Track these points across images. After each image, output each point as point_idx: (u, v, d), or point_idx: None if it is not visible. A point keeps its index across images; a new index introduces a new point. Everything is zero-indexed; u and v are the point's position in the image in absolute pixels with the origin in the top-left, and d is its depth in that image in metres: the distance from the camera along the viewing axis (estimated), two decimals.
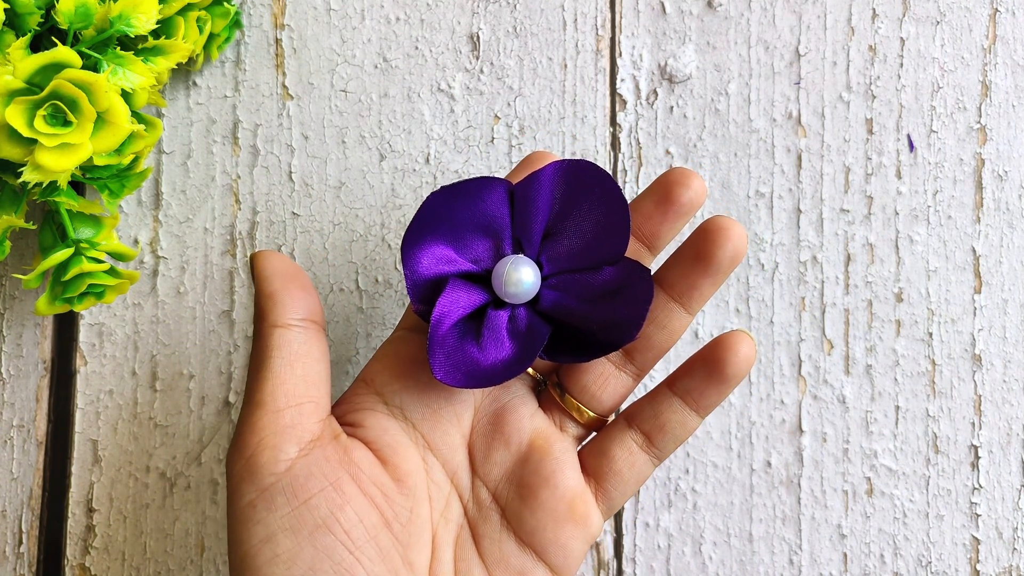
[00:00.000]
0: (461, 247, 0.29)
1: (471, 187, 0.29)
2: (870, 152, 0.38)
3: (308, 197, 0.38)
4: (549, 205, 0.30)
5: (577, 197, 0.29)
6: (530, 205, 0.29)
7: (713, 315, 0.38)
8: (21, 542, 0.37)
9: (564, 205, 0.30)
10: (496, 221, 0.29)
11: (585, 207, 0.29)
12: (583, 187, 0.29)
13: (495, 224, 0.29)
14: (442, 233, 0.29)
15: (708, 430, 0.38)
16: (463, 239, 0.29)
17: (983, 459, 0.38)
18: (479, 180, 0.29)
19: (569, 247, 0.29)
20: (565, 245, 0.30)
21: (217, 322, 0.38)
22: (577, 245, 0.29)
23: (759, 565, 0.37)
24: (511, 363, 0.28)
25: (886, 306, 0.38)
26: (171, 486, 0.37)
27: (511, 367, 0.28)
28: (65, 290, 0.33)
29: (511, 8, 0.39)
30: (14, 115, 0.29)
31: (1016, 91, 0.39)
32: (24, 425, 0.37)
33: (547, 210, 0.29)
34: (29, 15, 0.31)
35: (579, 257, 0.29)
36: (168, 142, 0.38)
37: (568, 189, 0.29)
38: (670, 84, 0.39)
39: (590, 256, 0.29)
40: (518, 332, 0.29)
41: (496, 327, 0.29)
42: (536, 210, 0.29)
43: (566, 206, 0.29)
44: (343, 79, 0.38)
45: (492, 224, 0.29)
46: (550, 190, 0.29)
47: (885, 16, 0.39)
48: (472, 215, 0.29)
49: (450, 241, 0.29)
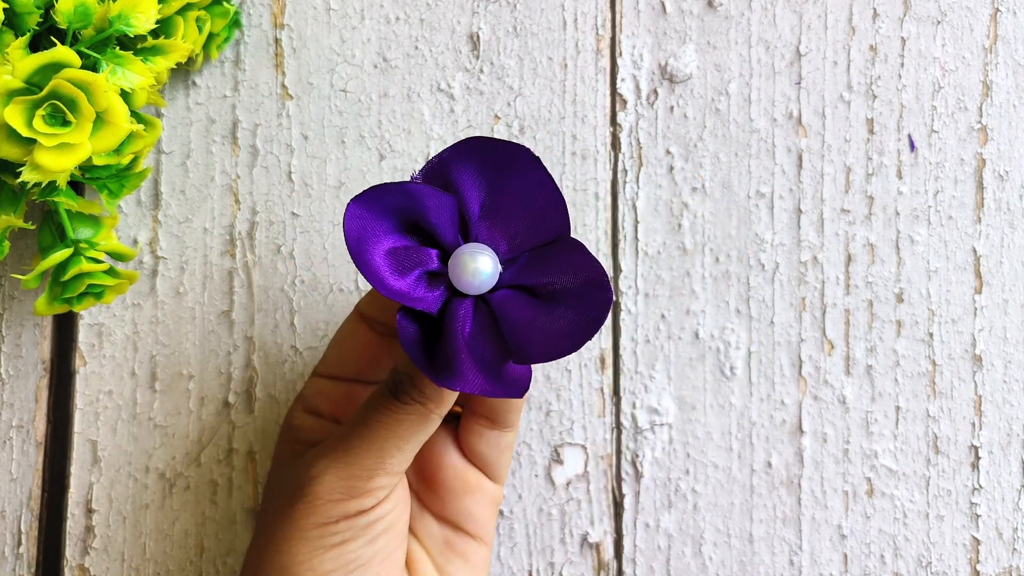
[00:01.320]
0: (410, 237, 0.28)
1: (388, 188, 0.28)
2: (871, 152, 0.38)
3: (308, 197, 0.38)
4: (475, 187, 0.28)
5: (498, 174, 0.28)
6: (457, 189, 0.28)
7: (714, 315, 0.38)
8: (20, 543, 0.37)
9: (490, 185, 0.28)
10: (430, 214, 0.28)
11: (515, 183, 0.28)
12: (501, 165, 0.28)
13: (430, 216, 0.28)
14: (384, 230, 0.28)
15: (708, 431, 0.38)
16: (408, 234, 0.28)
17: (983, 459, 0.38)
18: (387, 185, 0.28)
19: (514, 227, 0.28)
20: (510, 226, 0.28)
21: (216, 322, 0.38)
22: (522, 224, 0.28)
23: (759, 566, 0.37)
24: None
25: (887, 306, 0.38)
26: (170, 487, 0.37)
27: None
28: (64, 290, 0.33)
29: (511, 8, 0.39)
30: (13, 115, 0.29)
31: (1017, 91, 0.39)
32: (23, 425, 0.37)
33: (475, 193, 0.28)
34: (28, 15, 0.31)
35: (528, 236, 0.28)
36: (167, 142, 0.38)
37: (483, 165, 0.28)
38: (670, 84, 0.39)
39: (538, 234, 0.28)
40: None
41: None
42: (464, 192, 0.28)
43: (492, 185, 0.28)
44: (343, 79, 0.38)
45: (426, 217, 0.28)
46: (469, 172, 0.28)
47: (886, 16, 0.39)
48: (403, 211, 0.28)
49: (397, 237, 0.28)
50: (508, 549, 0.37)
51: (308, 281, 0.38)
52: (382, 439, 0.29)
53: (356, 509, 0.29)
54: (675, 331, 0.38)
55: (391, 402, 0.29)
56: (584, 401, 0.38)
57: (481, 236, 0.28)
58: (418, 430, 0.29)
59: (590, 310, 0.27)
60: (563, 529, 0.37)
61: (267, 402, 0.37)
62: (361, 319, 0.33)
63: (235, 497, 0.37)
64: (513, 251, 0.28)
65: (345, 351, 0.33)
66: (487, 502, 0.33)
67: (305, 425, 0.33)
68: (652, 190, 0.38)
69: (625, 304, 0.38)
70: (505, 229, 0.28)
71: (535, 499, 0.37)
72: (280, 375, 0.38)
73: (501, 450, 0.32)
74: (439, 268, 0.28)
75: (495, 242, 0.28)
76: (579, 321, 0.27)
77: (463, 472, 0.32)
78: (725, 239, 0.38)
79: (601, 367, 0.38)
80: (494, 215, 0.28)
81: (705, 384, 0.38)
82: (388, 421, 0.29)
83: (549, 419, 0.38)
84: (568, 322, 0.27)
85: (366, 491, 0.29)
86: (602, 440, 0.38)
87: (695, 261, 0.38)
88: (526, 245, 0.28)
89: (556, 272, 0.28)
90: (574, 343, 0.27)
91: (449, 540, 0.32)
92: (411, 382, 0.29)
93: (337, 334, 0.34)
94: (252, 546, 0.31)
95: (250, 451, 0.37)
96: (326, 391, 0.33)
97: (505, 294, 0.28)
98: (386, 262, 0.28)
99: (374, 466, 0.29)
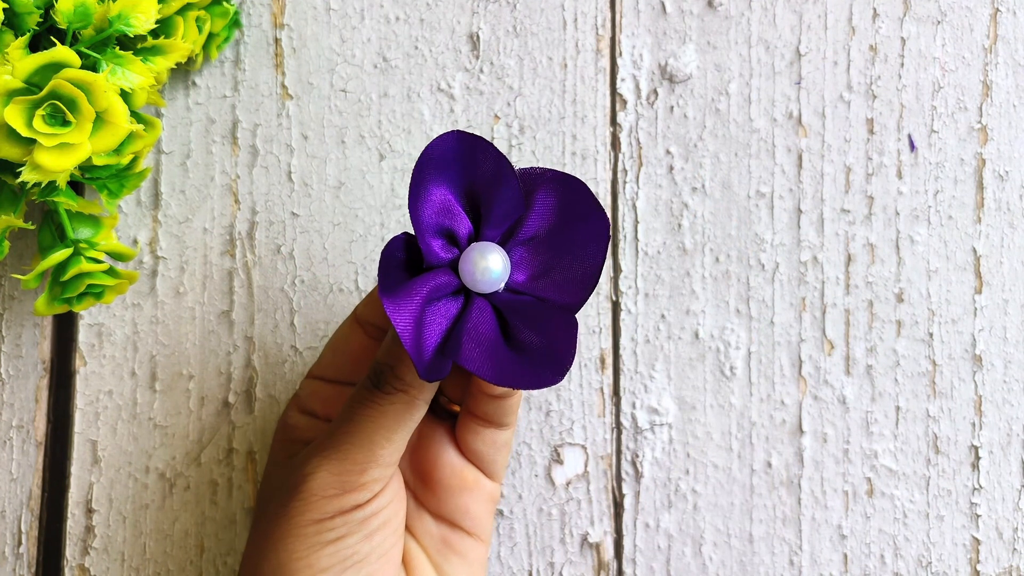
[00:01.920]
0: (459, 202, 0.29)
1: (491, 151, 0.28)
2: (871, 152, 0.38)
3: (308, 197, 0.38)
4: (545, 215, 0.29)
5: (571, 222, 0.29)
6: (531, 205, 0.29)
7: (714, 316, 0.38)
8: (20, 543, 0.37)
9: (558, 224, 0.29)
10: (497, 199, 0.28)
11: (578, 239, 0.29)
12: (579, 216, 0.29)
13: (494, 201, 0.28)
14: (453, 177, 0.28)
15: (708, 431, 0.38)
16: (466, 198, 0.29)
17: (983, 460, 0.38)
18: (497, 151, 0.28)
19: (545, 270, 0.29)
20: (543, 265, 0.29)
21: (216, 322, 0.38)
22: (553, 272, 0.29)
23: (759, 566, 0.37)
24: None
25: (887, 306, 0.38)
26: (171, 487, 0.37)
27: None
28: (64, 290, 0.33)
29: (511, 8, 0.39)
30: (13, 115, 0.29)
31: (1017, 91, 0.39)
32: (23, 426, 0.37)
33: (541, 219, 0.29)
34: (28, 15, 0.31)
35: (550, 286, 0.29)
36: (167, 142, 0.38)
37: (567, 209, 0.29)
38: (670, 84, 0.39)
39: (558, 291, 0.29)
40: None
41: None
42: (534, 213, 0.29)
43: (559, 226, 0.29)
44: (343, 79, 0.38)
45: (492, 199, 0.28)
46: (552, 200, 0.29)
47: (886, 16, 0.39)
48: (481, 178, 0.28)
49: (458, 192, 0.29)
50: (508, 549, 0.37)
51: (308, 281, 0.38)
52: (370, 431, 0.29)
53: (351, 504, 0.29)
54: (675, 331, 0.38)
55: (374, 393, 0.29)
56: (584, 401, 0.38)
57: (515, 255, 0.29)
58: (404, 418, 0.29)
59: (535, 375, 0.27)
60: (563, 529, 0.37)
61: (267, 402, 0.37)
62: (357, 323, 0.33)
63: (235, 497, 0.37)
64: (527, 288, 0.29)
65: (340, 354, 0.33)
66: (484, 500, 0.33)
67: (300, 425, 0.33)
68: (652, 190, 0.38)
69: (625, 304, 0.38)
70: (538, 266, 0.29)
71: (535, 499, 0.37)
72: (280, 375, 0.38)
73: (498, 448, 0.32)
74: (463, 242, 0.29)
75: (519, 268, 0.29)
76: (519, 370, 0.27)
77: (460, 470, 0.32)
78: (725, 239, 0.38)
79: (601, 367, 0.38)
80: (538, 248, 0.29)
81: (705, 384, 0.38)
82: (374, 413, 0.29)
83: (549, 419, 0.38)
84: (512, 363, 0.27)
85: (360, 485, 0.29)
86: (602, 440, 0.38)
87: (695, 261, 0.38)
88: (540, 292, 0.29)
89: (540, 330, 0.28)
90: (499, 377, 0.27)
91: (447, 538, 0.32)
92: (392, 371, 0.29)
93: (333, 337, 0.34)
94: (248, 545, 0.31)
95: (250, 451, 0.37)
96: (320, 392, 0.33)
97: (486, 305, 0.28)
98: (434, 197, 0.28)
99: (365, 459, 0.29)
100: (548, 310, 0.28)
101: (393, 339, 0.30)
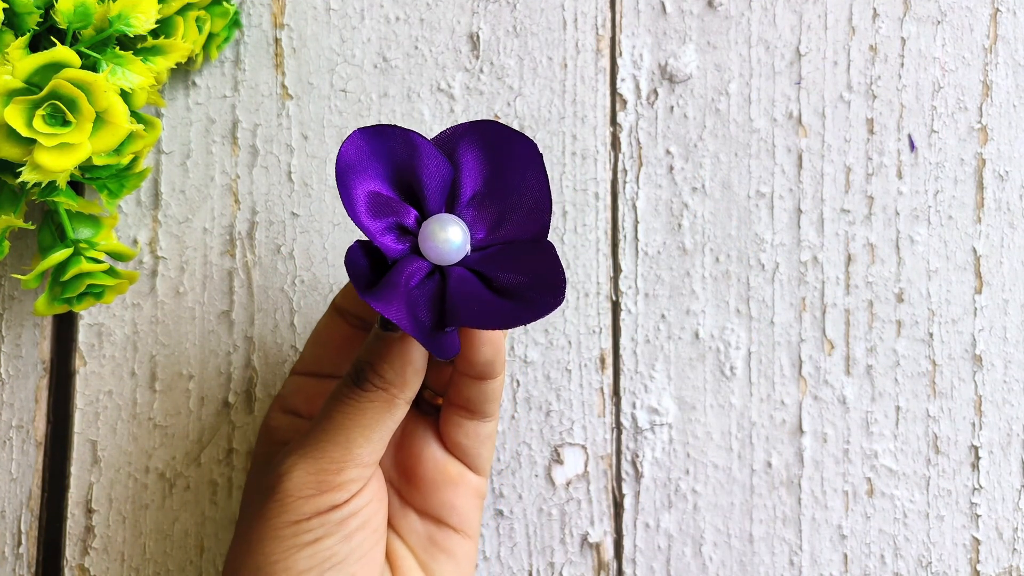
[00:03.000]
0: (396, 191, 0.29)
1: (398, 133, 0.28)
2: (871, 152, 0.38)
3: (308, 197, 0.38)
4: (476, 167, 0.29)
5: (501, 162, 0.29)
6: (459, 165, 0.29)
7: (714, 315, 0.38)
8: (20, 543, 0.37)
9: (490, 169, 0.29)
10: (425, 175, 0.28)
11: (513, 175, 0.28)
12: (506, 153, 0.28)
13: (423, 177, 0.28)
14: (376, 173, 0.28)
15: (708, 431, 0.38)
16: (396, 186, 0.29)
17: (983, 460, 0.38)
18: (397, 128, 0.28)
19: (498, 217, 0.29)
20: (494, 214, 0.29)
21: (216, 322, 0.38)
22: (506, 216, 0.29)
23: (759, 566, 0.37)
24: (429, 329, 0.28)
25: (887, 306, 0.38)
26: (170, 487, 0.37)
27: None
28: (64, 290, 0.33)
29: (511, 8, 0.39)
30: (13, 115, 0.29)
31: (1017, 91, 0.39)
32: (23, 426, 0.37)
33: (474, 173, 0.29)
34: (28, 15, 0.31)
35: (509, 229, 0.29)
36: (167, 142, 0.38)
37: (490, 152, 0.29)
38: (670, 84, 0.39)
39: (519, 230, 0.29)
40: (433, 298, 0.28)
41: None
42: (464, 171, 0.29)
43: (492, 171, 0.29)
44: (343, 79, 0.38)
45: (420, 177, 0.28)
46: (475, 151, 0.29)
47: (886, 16, 0.39)
48: (401, 162, 0.28)
49: (385, 184, 0.28)
50: (508, 549, 0.37)
51: (308, 281, 0.38)
52: (348, 429, 0.28)
53: (328, 504, 0.28)
54: (675, 331, 0.38)
55: (354, 391, 0.29)
56: (584, 401, 0.38)
57: (466, 217, 0.29)
58: (384, 417, 0.29)
59: (535, 303, 0.27)
60: (563, 529, 0.37)
61: (267, 402, 0.37)
62: (336, 313, 0.33)
63: (235, 497, 0.37)
64: (488, 240, 0.29)
65: (321, 347, 0.33)
66: (470, 495, 0.32)
67: (282, 426, 0.33)
68: (652, 190, 0.38)
69: (625, 304, 0.38)
70: (489, 217, 0.29)
71: (535, 499, 0.37)
72: (280, 375, 0.38)
73: (481, 440, 0.32)
74: (412, 227, 0.28)
75: (475, 226, 0.29)
76: (519, 308, 0.27)
77: (444, 464, 0.32)
78: (725, 239, 0.38)
79: (601, 367, 0.38)
80: (483, 201, 0.29)
81: (705, 384, 0.38)
82: (352, 411, 0.29)
83: (549, 419, 0.38)
84: (510, 306, 0.27)
85: (337, 485, 0.28)
86: (602, 440, 0.38)
87: (695, 261, 0.38)
88: (504, 238, 0.29)
89: (518, 271, 0.28)
90: (505, 321, 0.26)
91: (433, 536, 0.32)
92: (372, 368, 0.29)
93: (314, 331, 0.33)
94: (230, 549, 0.31)
95: (250, 451, 0.37)
96: (304, 388, 0.33)
97: (461, 272, 0.28)
98: (365, 200, 0.28)
99: (342, 458, 0.28)
100: (519, 249, 0.28)
101: (375, 337, 0.29)
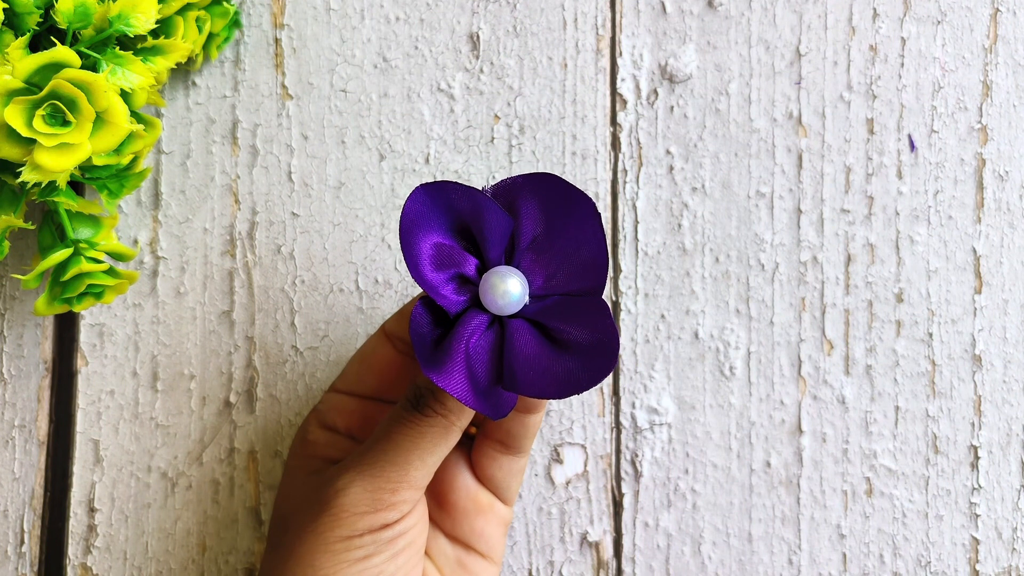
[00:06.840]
0: (458, 242, 0.29)
1: (459, 187, 0.29)
2: (871, 152, 0.38)
3: (308, 197, 0.38)
4: (534, 219, 0.29)
5: (559, 215, 0.29)
6: (518, 215, 0.29)
7: (714, 316, 0.38)
8: (23, 542, 0.37)
9: (548, 222, 0.29)
10: (486, 225, 0.29)
11: (571, 228, 0.29)
12: (564, 207, 0.29)
13: (484, 227, 0.29)
14: (438, 224, 0.29)
15: (708, 430, 0.38)
16: (456, 236, 0.29)
17: (983, 459, 0.38)
18: (458, 184, 0.29)
19: (555, 267, 0.29)
20: (551, 264, 0.29)
21: (217, 322, 0.38)
22: (563, 267, 0.29)
23: (758, 565, 0.37)
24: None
25: (886, 306, 0.38)
26: (172, 486, 0.37)
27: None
28: (64, 290, 0.33)
29: (511, 8, 0.39)
30: (13, 115, 0.29)
31: (1017, 91, 0.39)
32: (26, 425, 0.37)
33: (532, 224, 0.29)
34: (28, 15, 0.31)
35: (565, 280, 0.29)
36: (167, 142, 0.38)
37: (550, 204, 0.29)
38: (670, 84, 0.39)
39: (575, 281, 0.29)
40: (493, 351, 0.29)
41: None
42: (524, 220, 0.29)
43: (550, 223, 0.29)
44: (343, 79, 0.38)
45: (481, 226, 0.29)
46: (534, 203, 0.29)
47: (886, 16, 0.39)
48: (462, 213, 0.29)
49: (447, 235, 0.29)
50: (508, 548, 0.37)
51: (308, 281, 0.38)
52: (406, 451, 0.29)
53: (381, 523, 0.29)
54: (675, 331, 0.38)
55: (414, 415, 0.29)
56: (584, 401, 0.38)
57: (523, 265, 0.29)
58: (440, 442, 0.30)
59: (591, 369, 0.28)
60: (563, 528, 0.37)
61: (268, 402, 0.38)
62: (386, 338, 0.33)
63: (237, 496, 0.37)
64: (546, 290, 0.29)
65: (366, 368, 0.33)
66: (498, 523, 0.33)
67: (320, 440, 0.33)
68: (652, 190, 0.38)
69: (625, 304, 0.38)
70: (547, 266, 0.29)
71: (535, 498, 0.37)
72: (281, 375, 0.38)
73: (513, 475, 0.33)
74: (473, 276, 0.29)
75: (533, 275, 0.29)
76: (576, 373, 0.28)
77: (475, 494, 0.33)
78: (725, 239, 0.38)
79: None
80: (542, 251, 0.29)
81: (705, 384, 0.38)
82: (412, 434, 0.29)
83: (549, 419, 0.38)
84: (566, 371, 0.28)
85: (391, 504, 0.29)
86: (602, 440, 0.38)
87: (695, 261, 0.38)
88: (560, 289, 0.29)
89: (577, 323, 0.28)
90: (561, 390, 0.27)
91: (461, 559, 0.33)
92: (433, 395, 0.29)
93: (359, 351, 0.34)
94: (267, 560, 0.31)
95: (251, 450, 0.37)
96: (342, 406, 0.33)
97: (522, 324, 0.29)
98: (429, 252, 0.29)
99: (399, 479, 0.29)
100: (577, 301, 0.29)
101: None
